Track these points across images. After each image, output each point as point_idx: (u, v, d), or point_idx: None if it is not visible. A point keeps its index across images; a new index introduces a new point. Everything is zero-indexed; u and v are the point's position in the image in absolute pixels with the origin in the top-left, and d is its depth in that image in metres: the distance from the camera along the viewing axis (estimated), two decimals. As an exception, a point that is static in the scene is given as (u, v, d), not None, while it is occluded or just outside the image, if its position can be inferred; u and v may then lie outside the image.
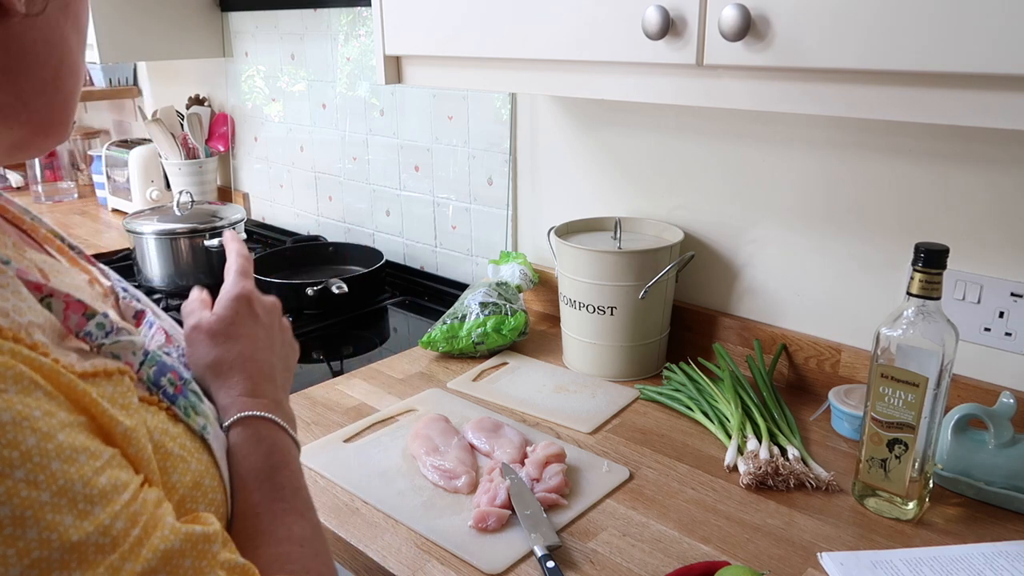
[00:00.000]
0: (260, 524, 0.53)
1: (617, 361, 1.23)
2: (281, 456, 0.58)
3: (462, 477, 0.94)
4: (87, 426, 0.42)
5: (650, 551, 0.84)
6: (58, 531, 0.37)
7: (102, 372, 0.46)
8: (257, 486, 0.54)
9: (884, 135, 1.04)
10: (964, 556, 0.81)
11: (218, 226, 1.68)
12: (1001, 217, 0.97)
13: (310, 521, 0.56)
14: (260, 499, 0.54)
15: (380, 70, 1.16)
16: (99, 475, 0.40)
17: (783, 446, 1.00)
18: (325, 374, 1.32)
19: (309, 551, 0.54)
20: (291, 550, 0.52)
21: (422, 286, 1.74)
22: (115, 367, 0.47)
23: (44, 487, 0.37)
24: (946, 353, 0.82)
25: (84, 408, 0.42)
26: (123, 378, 0.47)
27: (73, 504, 0.38)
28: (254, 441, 0.57)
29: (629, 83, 0.90)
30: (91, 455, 0.40)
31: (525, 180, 1.50)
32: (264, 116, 2.09)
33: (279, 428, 0.59)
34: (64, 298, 0.47)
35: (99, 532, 0.39)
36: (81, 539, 0.38)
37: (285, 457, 0.58)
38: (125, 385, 0.47)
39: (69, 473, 0.38)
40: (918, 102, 0.70)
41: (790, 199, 1.15)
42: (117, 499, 0.40)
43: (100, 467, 0.40)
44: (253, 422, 0.58)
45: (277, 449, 0.58)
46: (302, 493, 0.58)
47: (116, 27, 1.91)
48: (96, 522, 0.39)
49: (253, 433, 0.57)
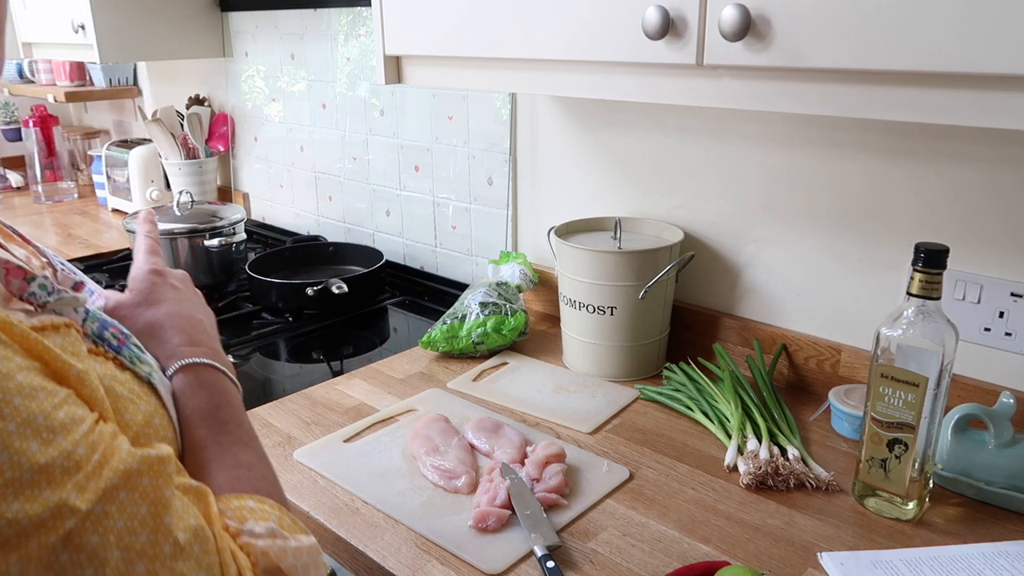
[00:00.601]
0: (208, 455, 0.57)
1: (617, 361, 1.23)
2: (223, 396, 0.62)
3: (462, 477, 0.94)
4: (42, 371, 0.45)
5: (650, 551, 0.84)
6: (26, 455, 0.41)
7: (50, 326, 0.49)
8: (203, 423, 0.59)
9: (884, 135, 1.04)
10: (964, 556, 0.81)
11: (218, 226, 1.68)
12: (1001, 217, 0.97)
13: (255, 450, 0.61)
14: (207, 433, 0.58)
15: (380, 70, 1.16)
16: (57, 410, 0.44)
17: (783, 446, 1.00)
18: (325, 374, 1.32)
19: (256, 474, 0.58)
20: (239, 474, 0.57)
21: (422, 286, 1.74)
22: (61, 321, 0.51)
23: (10, 419, 0.41)
24: (946, 353, 0.82)
25: (38, 355, 0.45)
26: (70, 330, 0.51)
27: (37, 433, 0.42)
28: (197, 384, 0.61)
29: (629, 83, 0.90)
30: (49, 393, 0.44)
31: (525, 180, 1.50)
32: (264, 116, 2.09)
33: (219, 372, 0.64)
34: (4, 265, 0.50)
35: (63, 456, 0.42)
36: (48, 462, 0.41)
37: (227, 396, 0.62)
38: (73, 336, 0.50)
39: (31, 408, 0.42)
40: (918, 102, 0.70)
41: (790, 199, 1.15)
42: (76, 430, 0.44)
43: (58, 403, 0.44)
44: (194, 368, 0.62)
45: (219, 390, 0.62)
46: (245, 427, 0.62)
47: (116, 27, 1.91)
48: (59, 448, 0.42)
49: (195, 377, 0.61)
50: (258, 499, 0.55)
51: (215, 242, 1.66)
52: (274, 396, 1.20)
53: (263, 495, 0.56)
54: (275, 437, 1.07)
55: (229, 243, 1.69)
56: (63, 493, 0.41)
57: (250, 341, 1.46)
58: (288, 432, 1.09)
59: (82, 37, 1.91)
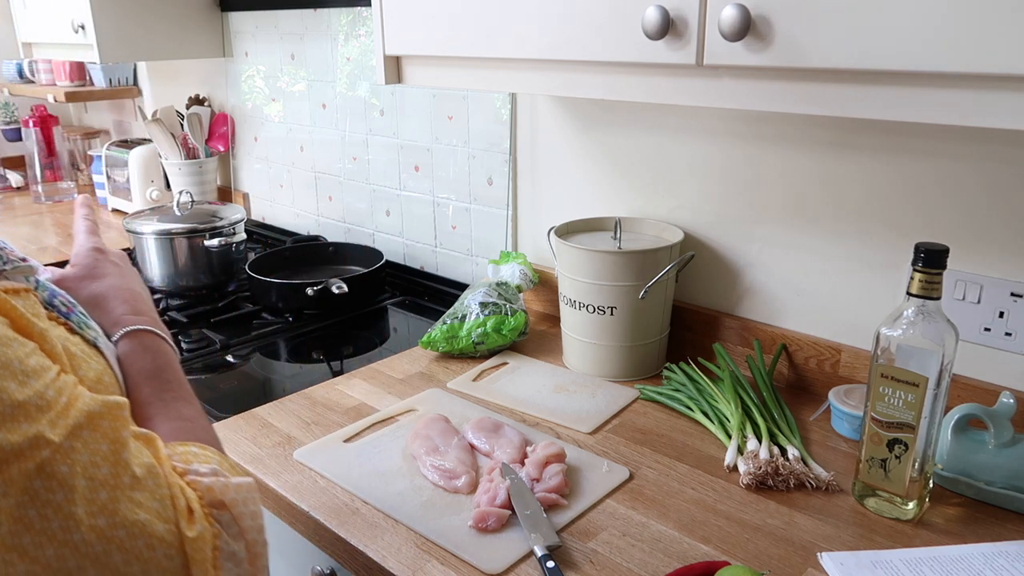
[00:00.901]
0: (154, 410, 0.64)
1: (617, 361, 1.23)
2: (165, 359, 0.69)
3: (462, 477, 0.94)
4: (10, 326, 0.51)
5: (650, 551, 0.84)
6: (8, 392, 0.47)
7: (11, 291, 0.55)
8: (147, 382, 0.66)
9: (883, 135, 1.04)
10: (964, 556, 0.81)
11: (218, 226, 1.68)
12: (1001, 217, 0.97)
13: (195, 406, 0.68)
14: (151, 391, 0.65)
15: (380, 70, 1.16)
16: (29, 358, 0.50)
17: (783, 446, 1.00)
18: (325, 374, 1.32)
19: (197, 426, 0.65)
20: (182, 425, 0.64)
21: (422, 286, 1.74)
22: (20, 287, 0.57)
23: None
24: (946, 353, 0.82)
25: (5, 312, 0.52)
26: (29, 295, 0.57)
27: (14, 375, 0.48)
28: (141, 348, 0.68)
29: (629, 83, 0.90)
30: (20, 344, 0.50)
31: (525, 180, 1.50)
32: (264, 116, 2.09)
33: (160, 338, 0.70)
34: None
35: (37, 396, 0.49)
36: (25, 399, 0.48)
37: (168, 359, 0.69)
38: (32, 300, 0.57)
39: (7, 354, 0.49)
40: (918, 102, 0.70)
41: (790, 199, 1.15)
42: (45, 375, 0.50)
43: (28, 352, 0.50)
44: (138, 334, 0.69)
45: (161, 353, 0.69)
46: (185, 386, 0.69)
47: (116, 27, 1.91)
48: (33, 389, 0.49)
49: (139, 342, 0.68)
50: (200, 446, 0.61)
51: (215, 242, 1.66)
52: (274, 396, 1.20)
53: (203, 442, 0.62)
54: (275, 437, 1.07)
55: (229, 243, 1.69)
56: (39, 427, 0.48)
57: (250, 341, 1.46)
58: (288, 432, 1.09)
59: (82, 37, 1.91)
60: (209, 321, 1.55)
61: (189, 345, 1.46)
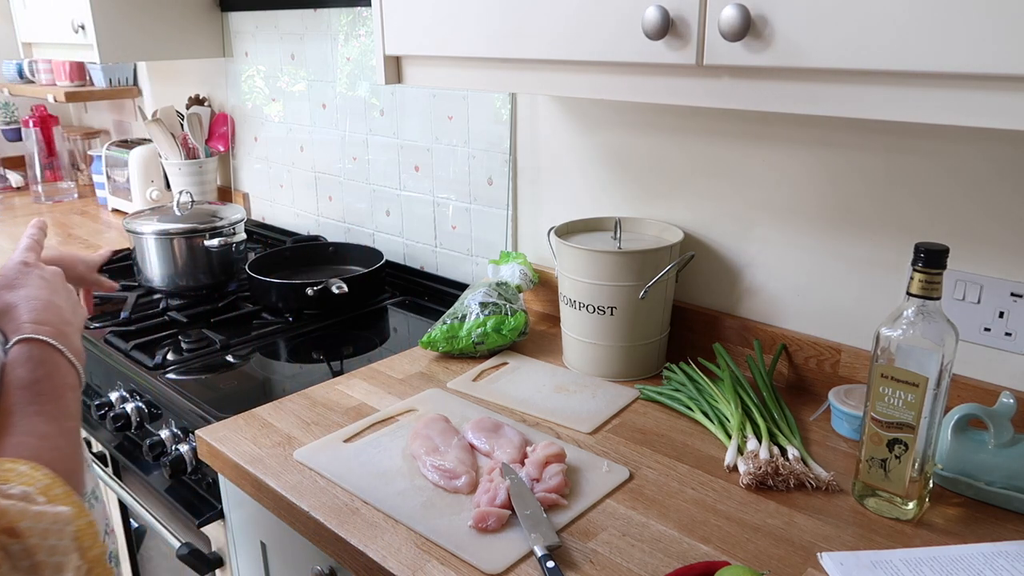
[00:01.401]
0: (10, 420, 0.61)
1: (617, 361, 1.23)
2: (47, 370, 0.66)
3: (462, 477, 0.94)
4: None
5: (650, 551, 0.84)
6: None
7: None
8: (17, 391, 0.63)
9: (883, 135, 1.04)
10: (964, 556, 0.81)
11: (218, 226, 1.68)
12: (1001, 217, 0.97)
13: (59, 424, 0.64)
14: (16, 402, 0.63)
15: (380, 70, 1.16)
16: None
17: (783, 446, 1.00)
18: (325, 374, 1.32)
19: (48, 445, 0.61)
20: (28, 441, 0.60)
21: (422, 286, 1.74)
22: None
23: None
24: (946, 353, 0.82)
25: None
26: None
27: None
28: (26, 357, 0.66)
29: (629, 83, 0.90)
30: None
31: (525, 180, 1.50)
32: (264, 116, 2.09)
33: (54, 350, 0.68)
34: None
35: None
36: None
37: (51, 371, 0.66)
38: None
39: None
40: (918, 102, 0.70)
41: (790, 199, 1.15)
42: None
43: None
44: (29, 343, 0.67)
45: (45, 365, 0.66)
46: (62, 403, 0.65)
47: (116, 27, 1.91)
48: None
49: (27, 351, 0.66)
50: (33, 466, 0.57)
51: (215, 242, 1.66)
52: (274, 396, 1.20)
53: (47, 465, 0.58)
54: (275, 437, 1.07)
55: (229, 243, 1.69)
56: None
57: (250, 341, 1.46)
58: (288, 432, 1.09)
59: (82, 37, 1.91)
60: (209, 321, 1.55)
61: (189, 345, 1.46)
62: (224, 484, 1.14)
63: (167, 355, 1.40)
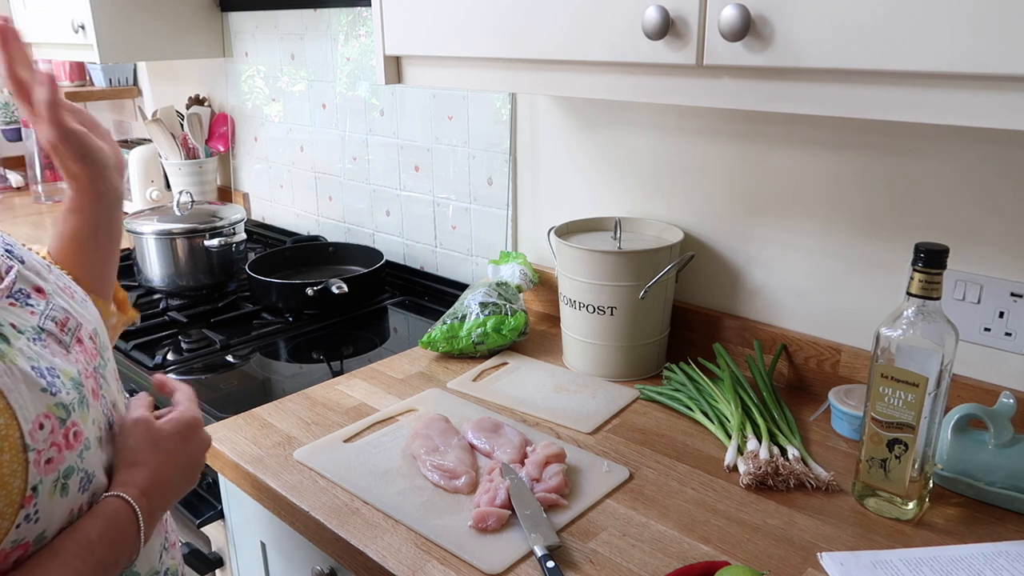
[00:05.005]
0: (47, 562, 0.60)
1: (617, 361, 1.23)
2: (111, 537, 0.65)
3: (462, 477, 0.94)
4: None
5: (650, 551, 0.84)
6: None
7: None
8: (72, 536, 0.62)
9: (884, 135, 1.04)
10: (964, 556, 0.81)
11: (218, 226, 1.68)
12: (1001, 217, 0.97)
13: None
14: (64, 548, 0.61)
15: (380, 70, 1.16)
16: None
17: (783, 446, 1.00)
18: (325, 374, 1.32)
19: None
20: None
21: (422, 286, 1.74)
22: None
23: None
24: (946, 353, 0.82)
25: None
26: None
27: None
28: (107, 514, 0.66)
29: (629, 83, 0.90)
30: None
31: (525, 180, 1.50)
32: (264, 116, 2.09)
33: (136, 527, 0.68)
34: None
35: None
36: None
37: (113, 540, 0.66)
38: None
39: None
40: (918, 102, 0.70)
41: (790, 199, 1.15)
42: None
43: None
44: (119, 503, 0.67)
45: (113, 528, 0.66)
46: (98, 569, 0.64)
47: (116, 27, 1.91)
48: None
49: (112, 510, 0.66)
50: None
51: (215, 242, 1.66)
52: (274, 396, 1.20)
53: None
54: (275, 437, 1.07)
55: (229, 243, 1.69)
56: None
57: (250, 341, 1.46)
58: (288, 432, 1.09)
59: (82, 37, 1.91)
60: (209, 321, 1.55)
61: (189, 345, 1.46)
62: (224, 484, 1.14)
63: (167, 355, 1.40)
